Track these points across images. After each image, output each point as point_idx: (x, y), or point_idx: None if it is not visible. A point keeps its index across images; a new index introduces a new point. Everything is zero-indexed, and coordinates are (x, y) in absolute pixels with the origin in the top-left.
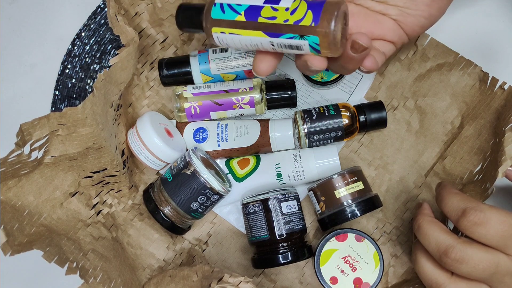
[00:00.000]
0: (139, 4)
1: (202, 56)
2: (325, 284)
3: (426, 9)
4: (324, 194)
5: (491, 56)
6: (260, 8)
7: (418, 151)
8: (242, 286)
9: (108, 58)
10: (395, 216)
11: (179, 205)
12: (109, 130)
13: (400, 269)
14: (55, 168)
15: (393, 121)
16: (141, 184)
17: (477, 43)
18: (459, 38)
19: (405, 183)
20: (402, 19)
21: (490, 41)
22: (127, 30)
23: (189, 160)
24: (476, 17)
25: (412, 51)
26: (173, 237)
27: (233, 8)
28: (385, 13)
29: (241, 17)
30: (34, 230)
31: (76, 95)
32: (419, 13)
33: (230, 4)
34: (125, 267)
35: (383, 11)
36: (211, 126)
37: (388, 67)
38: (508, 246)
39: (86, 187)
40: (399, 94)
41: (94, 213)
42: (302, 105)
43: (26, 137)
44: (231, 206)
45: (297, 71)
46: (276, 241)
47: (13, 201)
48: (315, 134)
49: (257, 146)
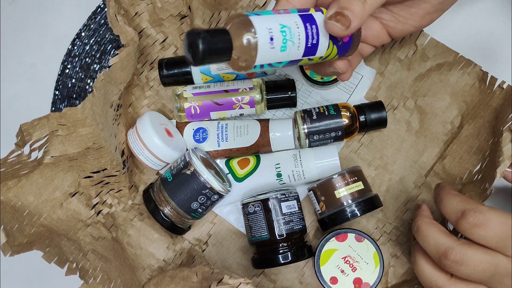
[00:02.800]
0: (139, 4)
1: None
2: (325, 284)
3: (419, 21)
4: (324, 194)
5: (491, 56)
6: (298, 61)
7: (418, 151)
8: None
9: (108, 58)
10: (395, 216)
11: (179, 205)
12: (109, 130)
13: (400, 269)
14: (55, 168)
15: (393, 121)
16: (141, 184)
17: (477, 43)
18: (459, 38)
19: (405, 183)
20: (392, 25)
21: (490, 41)
22: (127, 30)
23: (189, 160)
24: (476, 17)
25: (412, 51)
26: (173, 237)
27: (272, 65)
28: (377, 16)
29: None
30: (34, 230)
31: (76, 95)
32: (411, 23)
33: (271, 63)
34: (125, 267)
35: (377, 13)
36: (211, 126)
37: (388, 67)
38: (508, 247)
39: (86, 187)
40: (399, 94)
41: (94, 213)
42: (302, 105)
43: (26, 138)
44: (231, 206)
45: (297, 71)
46: (276, 241)
47: (13, 202)
48: (315, 134)
49: (257, 146)
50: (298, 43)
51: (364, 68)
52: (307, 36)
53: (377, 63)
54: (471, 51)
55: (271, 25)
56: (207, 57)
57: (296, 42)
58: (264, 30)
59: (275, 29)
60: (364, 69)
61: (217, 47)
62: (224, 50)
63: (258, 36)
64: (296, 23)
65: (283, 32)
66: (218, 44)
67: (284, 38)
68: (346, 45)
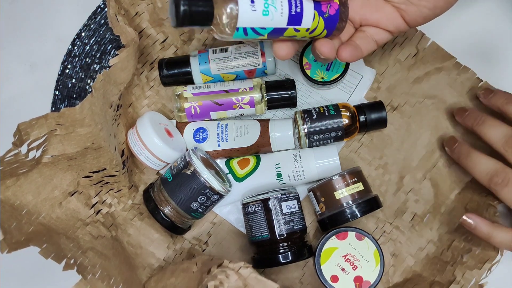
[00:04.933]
0: (139, 4)
1: (202, 56)
2: (325, 282)
3: (432, 1)
4: (324, 195)
5: (491, 56)
6: (283, 30)
7: (418, 151)
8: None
9: (108, 58)
10: (395, 216)
11: (179, 205)
12: (108, 130)
13: (401, 268)
14: (54, 168)
15: (393, 121)
16: (141, 184)
17: (477, 43)
18: (460, 38)
19: (405, 183)
20: (404, 8)
21: (490, 41)
22: (127, 30)
23: (189, 160)
24: (477, 18)
25: (413, 53)
26: (173, 236)
27: (256, 32)
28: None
29: (264, 38)
30: (33, 228)
31: (76, 95)
32: (424, 3)
33: (254, 28)
34: (125, 265)
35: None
36: (211, 126)
37: (388, 68)
38: None
39: (85, 187)
40: (398, 95)
41: (93, 213)
42: (302, 105)
43: (24, 137)
44: (231, 206)
45: (297, 71)
46: (276, 241)
47: (12, 200)
48: (315, 134)
49: (257, 146)
50: (281, 9)
51: (364, 68)
52: (290, 3)
53: (377, 64)
54: (472, 51)
55: None
56: (188, 18)
57: (279, 8)
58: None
59: None
60: (364, 69)
61: (198, 9)
62: (205, 13)
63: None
64: None
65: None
66: (200, 6)
67: (266, 2)
68: (333, 18)
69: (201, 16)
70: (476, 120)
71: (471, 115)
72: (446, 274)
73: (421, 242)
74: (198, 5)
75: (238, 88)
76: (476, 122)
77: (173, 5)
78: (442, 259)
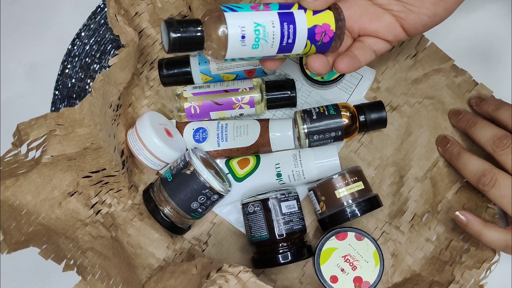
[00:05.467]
0: (139, 4)
1: (202, 56)
2: (325, 283)
3: (431, 8)
4: (324, 194)
5: (492, 57)
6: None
7: (418, 151)
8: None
9: (108, 58)
10: (395, 216)
11: (179, 205)
12: (108, 131)
13: (400, 268)
14: (53, 168)
15: (393, 121)
16: (141, 184)
17: (477, 44)
18: (459, 39)
19: (405, 183)
20: (404, 16)
21: (490, 42)
22: (127, 30)
23: (189, 160)
24: (477, 20)
25: (412, 55)
26: (173, 237)
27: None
28: (387, 8)
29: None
30: (32, 229)
31: (76, 95)
32: (423, 11)
33: (243, 58)
34: (124, 265)
35: (386, 5)
36: (211, 126)
37: (387, 69)
38: None
39: (85, 187)
40: (398, 95)
41: (93, 213)
42: (302, 105)
43: (23, 137)
44: (231, 206)
45: (297, 71)
46: (276, 241)
47: (11, 200)
48: (315, 134)
49: (257, 146)
50: (272, 42)
51: (364, 68)
52: (283, 36)
53: (377, 64)
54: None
55: (244, 22)
56: (178, 46)
57: (270, 41)
58: (236, 28)
59: (249, 27)
60: (364, 69)
61: (188, 38)
62: (195, 42)
63: (229, 33)
64: (272, 22)
65: (257, 31)
66: (190, 35)
67: (257, 37)
68: (326, 45)
69: (192, 44)
70: (468, 123)
71: (464, 117)
72: (445, 274)
73: (420, 242)
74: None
75: (238, 88)
76: (469, 125)
77: (165, 33)
78: (441, 259)
